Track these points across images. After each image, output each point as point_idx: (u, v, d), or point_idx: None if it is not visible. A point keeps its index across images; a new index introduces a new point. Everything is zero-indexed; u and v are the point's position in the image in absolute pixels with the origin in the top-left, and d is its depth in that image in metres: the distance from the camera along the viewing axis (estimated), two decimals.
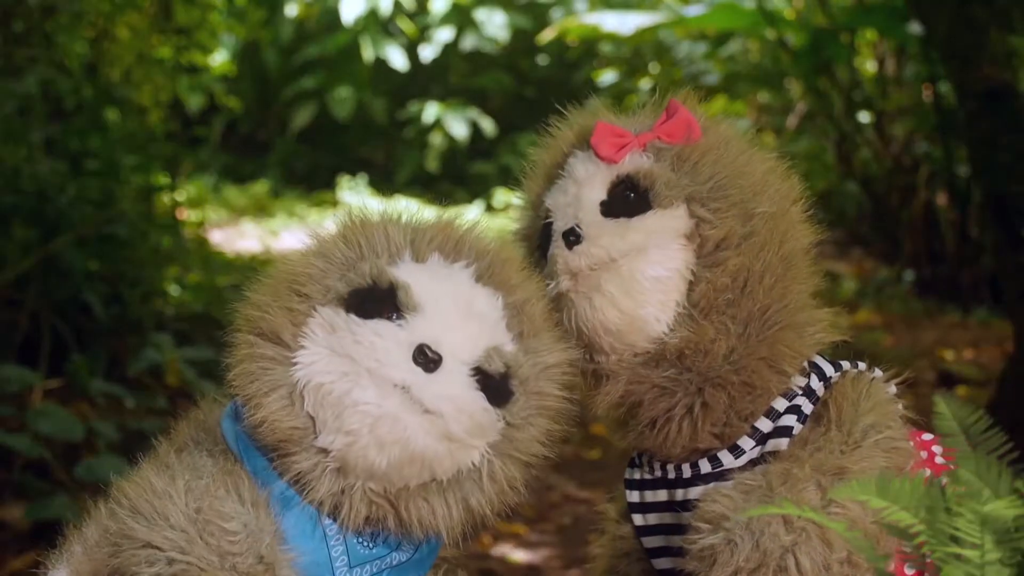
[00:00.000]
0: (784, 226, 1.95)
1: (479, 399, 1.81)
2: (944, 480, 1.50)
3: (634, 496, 2.03)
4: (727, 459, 1.93)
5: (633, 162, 1.95)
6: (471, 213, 15.79)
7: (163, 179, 7.73)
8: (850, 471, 1.81)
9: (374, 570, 1.87)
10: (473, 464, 1.83)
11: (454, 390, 1.79)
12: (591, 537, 2.22)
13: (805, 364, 1.96)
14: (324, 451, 1.80)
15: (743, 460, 1.92)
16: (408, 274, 1.83)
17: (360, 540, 1.86)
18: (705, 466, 1.94)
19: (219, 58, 11.01)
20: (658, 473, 1.99)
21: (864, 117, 9.92)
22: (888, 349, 7.54)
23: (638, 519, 2.03)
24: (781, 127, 11.27)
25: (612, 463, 5.91)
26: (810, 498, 1.80)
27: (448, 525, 1.83)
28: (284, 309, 1.83)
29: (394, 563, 1.88)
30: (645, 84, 13.68)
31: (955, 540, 1.42)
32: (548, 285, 1.95)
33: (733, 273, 1.90)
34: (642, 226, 1.91)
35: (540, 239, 2.02)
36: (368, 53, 16.17)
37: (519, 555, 4.79)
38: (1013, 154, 4.97)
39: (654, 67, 13.34)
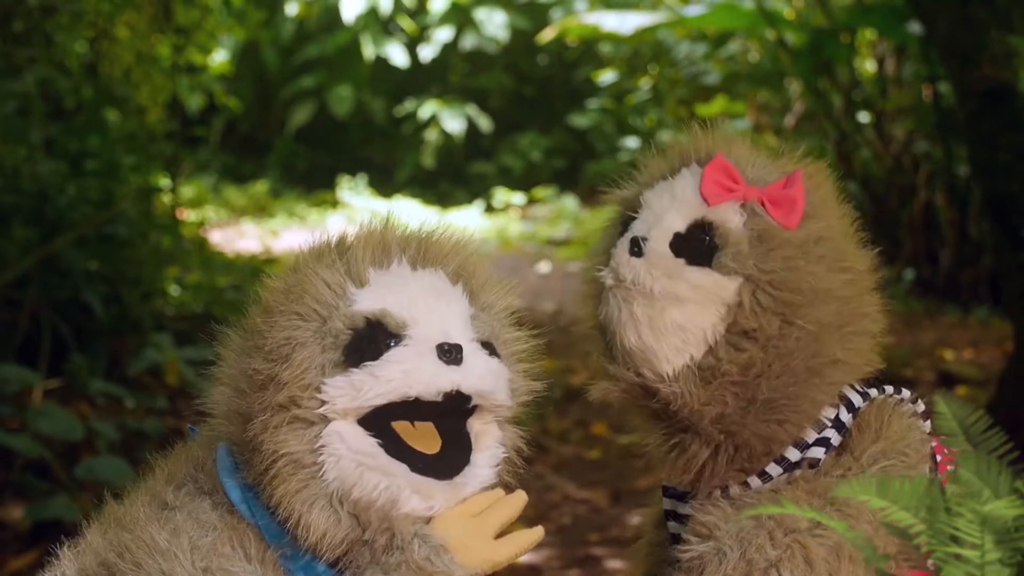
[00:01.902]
0: (824, 343, 1.94)
1: (501, 363, 1.86)
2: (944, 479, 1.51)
3: (668, 504, 2.05)
4: (755, 483, 1.95)
5: (725, 212, 1.95)
6: (469, 218, 15.81)
7: (163, 179, 7.74)
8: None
9: None
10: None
11: (485, 364, 1.82)
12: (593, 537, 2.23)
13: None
14: (372, 542, 1.79)
15: (769, 485, 1.94)
16: (370, 300, 1.82)
17: None
18: (735, 491, 1.95)
19: (219, 58, 11.02)
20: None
21: (864, 117, 9.93)
22: (888, 349, 7.54)
23: (672, 526, 2.04)
24: (781, 127, 11.28)
25: (612, 463, 5.91)
26: (798, 520, 1.82)
27: None
28: (295, 427, 1.78)
29: None
30: (645, 84, 13.69)
31: (955, 540, 1.42)
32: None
33: (744, 365, 1.91)
34: (693, 279, 1.92)
35: (621, 226, 2.04)
36: (368, 51, 16.17)
37: None
38: (1013, 154, 4.97)
39: (653, 67, 13.35)
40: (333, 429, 1.77)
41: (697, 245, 1.94)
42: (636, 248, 1.94)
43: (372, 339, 1.79)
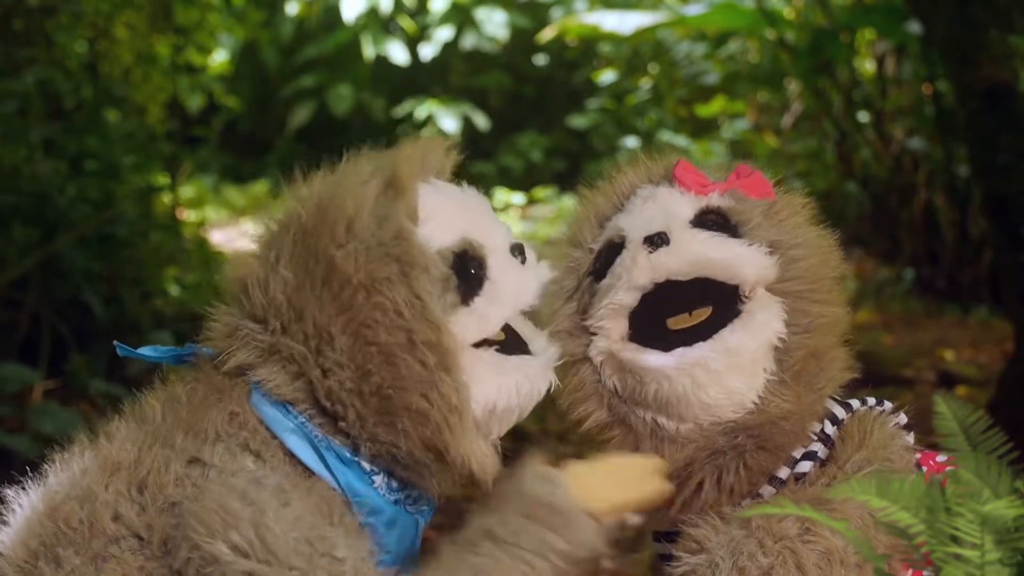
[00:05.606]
0: (840, 288, 2.01)
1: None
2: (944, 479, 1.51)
3: (660, 548, 2.03)
4: (747, 504, 1.94)
5: (720, 199, 1.95)
6: None
7: (163, 179, 7.74)
8: (831, 503, 1.81)
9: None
10: None
11: (530, 250, 1.92)
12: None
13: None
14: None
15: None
16: (439, 232, 1.83)
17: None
18: (728, 513, 1.94)
19: (218, 58, 11.01)
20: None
21: (864, 117, 9.92)
22: (888, 349, 7.54)
23: (668, 569, 2.03)
24: (780, 127, 11.28)
25: None
26: (787, 528, 1.81)
27: None
28: (443, 376, 1.77)
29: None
30: (645, 84, 13.68)
31: (955, 540, 1.42)
32: (594, 312, 1.94)
33: (823, 334, 1.93)
34: (737, 245, 1.90)
35: (596, 264, 1.97)
36: (368, 51, 16.17)
37: None
38: (1013, 154, 4.97)
39: (653, 67, 13.34)
40: (467, 360, 1.79)
41: (715, 224, 1.92)
42: (658, 239, 1.88)
43: (467, 270, 1.82)
